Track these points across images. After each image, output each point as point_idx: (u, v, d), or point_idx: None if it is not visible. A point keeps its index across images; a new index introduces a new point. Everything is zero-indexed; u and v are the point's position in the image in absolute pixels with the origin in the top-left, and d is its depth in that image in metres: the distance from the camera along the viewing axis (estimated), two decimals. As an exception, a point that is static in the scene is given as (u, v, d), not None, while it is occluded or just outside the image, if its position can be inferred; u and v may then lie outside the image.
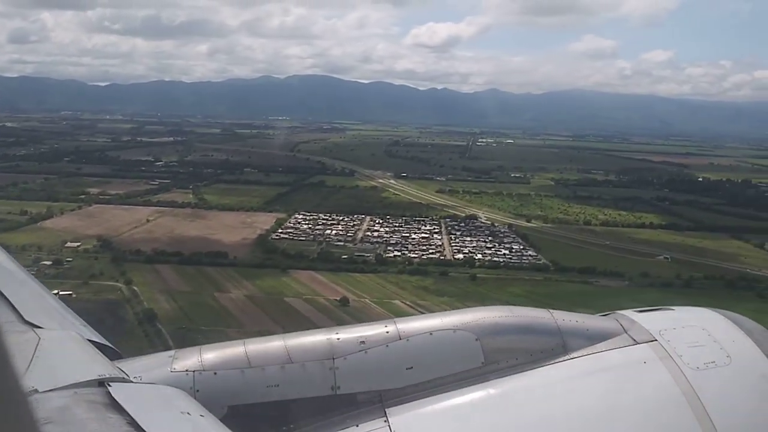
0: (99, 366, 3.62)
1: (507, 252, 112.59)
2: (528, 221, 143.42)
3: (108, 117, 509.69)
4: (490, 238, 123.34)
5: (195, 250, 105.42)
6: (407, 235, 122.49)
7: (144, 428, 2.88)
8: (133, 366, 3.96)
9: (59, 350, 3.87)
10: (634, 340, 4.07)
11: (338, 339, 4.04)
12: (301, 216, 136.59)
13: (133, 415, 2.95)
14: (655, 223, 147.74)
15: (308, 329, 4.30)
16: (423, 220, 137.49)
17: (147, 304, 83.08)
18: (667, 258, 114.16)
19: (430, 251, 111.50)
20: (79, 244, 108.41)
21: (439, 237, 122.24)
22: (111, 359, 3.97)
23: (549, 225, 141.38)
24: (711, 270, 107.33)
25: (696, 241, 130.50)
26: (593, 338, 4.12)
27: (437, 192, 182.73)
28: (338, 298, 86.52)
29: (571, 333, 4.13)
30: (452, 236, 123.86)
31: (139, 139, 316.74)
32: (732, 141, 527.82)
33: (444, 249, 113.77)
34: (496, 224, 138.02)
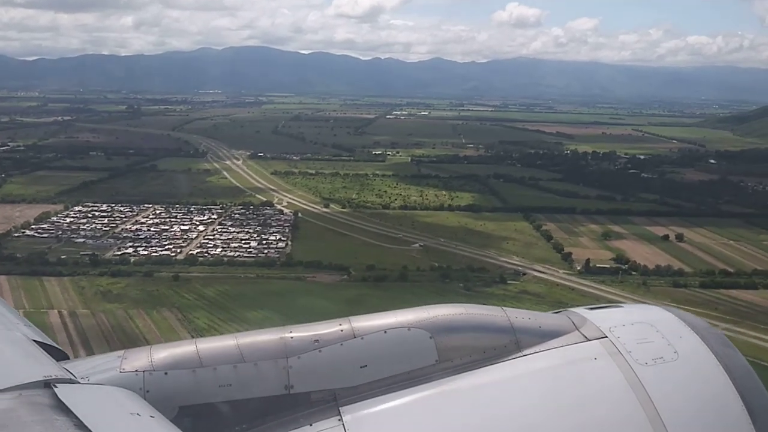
0: (44, 367, 3.54)
1: (256, 245, 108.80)
2: (325, 206, 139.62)
3: (21, 93, 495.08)
4: (259, 228, 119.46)
5: None
6: (168, 227, 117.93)
7: (92, 430, 2.80)
8: (80, 367, 3.86)
9: (2, 351, 3.83)
10: (585, 337, 4.15)
11: (292, 338, 4.01)
12: (80, 207, 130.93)
13: (80, 417, 2.87)
14: (463, 204, 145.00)
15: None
16: (211, 209, 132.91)
17: None
18: (422, 246, 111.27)
19: (172, 246, 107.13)
20: None
21: (203, 229, 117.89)
22: (57, 360, 3.89)
23: (345, 210, 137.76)
24: (451, 259, 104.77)
25: (481, 224, 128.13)
26: (545, 335, 4.18)
27: (272, 174, 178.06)
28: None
29: (524, 330, 4.18)
30: (219, 228, 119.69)
31: (19, 119, 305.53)
32: (658, 106, 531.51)
33: (191, 243, 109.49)
34: (285, 211, 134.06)
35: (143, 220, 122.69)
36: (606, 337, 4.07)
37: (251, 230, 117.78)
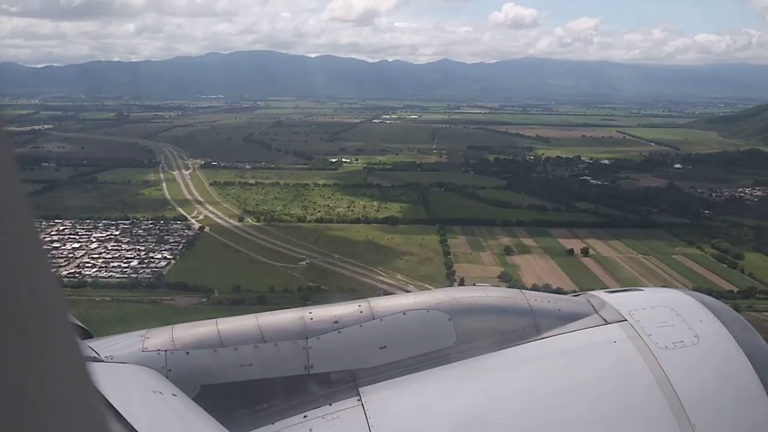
0: None
1: (137, 264, 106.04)
2: (240, 220, 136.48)
3: (22, 101, 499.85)
4: (152, 245, 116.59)
5: None
6: (60, 245, 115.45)
7: (116, 408, 2.88)
8: (103, 346, 3.93)
9: None
10: (605, 320, 4.14)
11: (312, 318, 4.05)
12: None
13: (105, 395, 2.88)
14: (386, 216, 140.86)
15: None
16: (118, 224, 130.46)
17: None
18: (308, 263, 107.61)
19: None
20: None
21: (95, 246, 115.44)
22: (81, 339, 3.94)
23: (257, 224, 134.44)
24: (330, 278, 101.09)
25: (389, 237, 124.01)
26: (564, 318, 4.18)
27: (210, 184, 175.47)
28: None
29: (543, 313, 4.18)
30: (113, 245, 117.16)
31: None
32: (661, 106, 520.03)
33: (71, 263, 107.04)
34: (194, 226, 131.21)
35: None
36: (625, 320, 4.05)
37: (143, 248, 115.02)
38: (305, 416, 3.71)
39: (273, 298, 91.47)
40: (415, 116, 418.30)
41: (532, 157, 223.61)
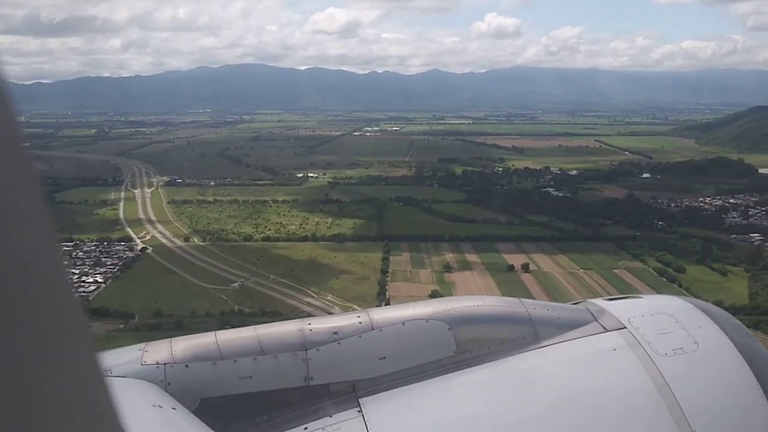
0: None
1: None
2: (186, 240, 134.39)
3: None
4: (88, 268, 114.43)
5: None
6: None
7: None
8: (102, 360, 3.88)
9: None
10: (604, 327, 4.14)
11: (311, 330, 4.05)
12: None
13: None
14: (339, 232, 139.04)
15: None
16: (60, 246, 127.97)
17: None
18: (240, 285, 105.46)
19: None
20: None
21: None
22: None
23: (203, 244, 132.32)
24: (258, 300, 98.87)
25: (332, 256, 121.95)
26: (564, 326, 4.19)
27: (168, 203, 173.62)
28: None
29: (542, 322, 4.19)
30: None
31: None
32: (647, 113, 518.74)
33: None
34: (137, 247, 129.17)
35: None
36: (625, 327, 4.04)
37: (77, 271, 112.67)
38: (306, 428, 3.69)
39: (192, 323, 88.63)
40: (397, 128, 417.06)
41: (500, 169, 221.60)
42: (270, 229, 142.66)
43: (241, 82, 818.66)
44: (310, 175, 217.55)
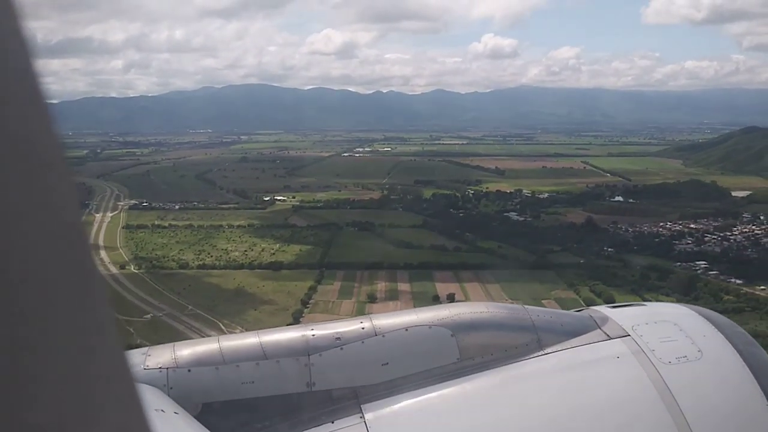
0: None
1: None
2: (122, 267, 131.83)
3: None
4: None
5: None
6: None
7: None
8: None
9: None
10: (608, 335, 4.13)
11: (313, 335, 4.03)
12: None
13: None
14: (281, 259, 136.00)
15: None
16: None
17: None
18: (152, 317, 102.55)
19: None
20: None
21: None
22: None
23: (137, 271, 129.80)
24: (166, 334, 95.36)
25: (262, 285, 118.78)
26: (567, 334, 4.17)
27: (122, 228, 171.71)
28: None
29: (546, 329, 4.17)
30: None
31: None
32: (645, 132, 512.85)
33: None
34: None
35: None
36: (628, 335, 4.03)
37: None
38: None
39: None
40: (389, 148, 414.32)
41: (472, 192, 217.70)
42: (212, 256, 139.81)
43: (245, 102, 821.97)
44: (277, 198, 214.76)
